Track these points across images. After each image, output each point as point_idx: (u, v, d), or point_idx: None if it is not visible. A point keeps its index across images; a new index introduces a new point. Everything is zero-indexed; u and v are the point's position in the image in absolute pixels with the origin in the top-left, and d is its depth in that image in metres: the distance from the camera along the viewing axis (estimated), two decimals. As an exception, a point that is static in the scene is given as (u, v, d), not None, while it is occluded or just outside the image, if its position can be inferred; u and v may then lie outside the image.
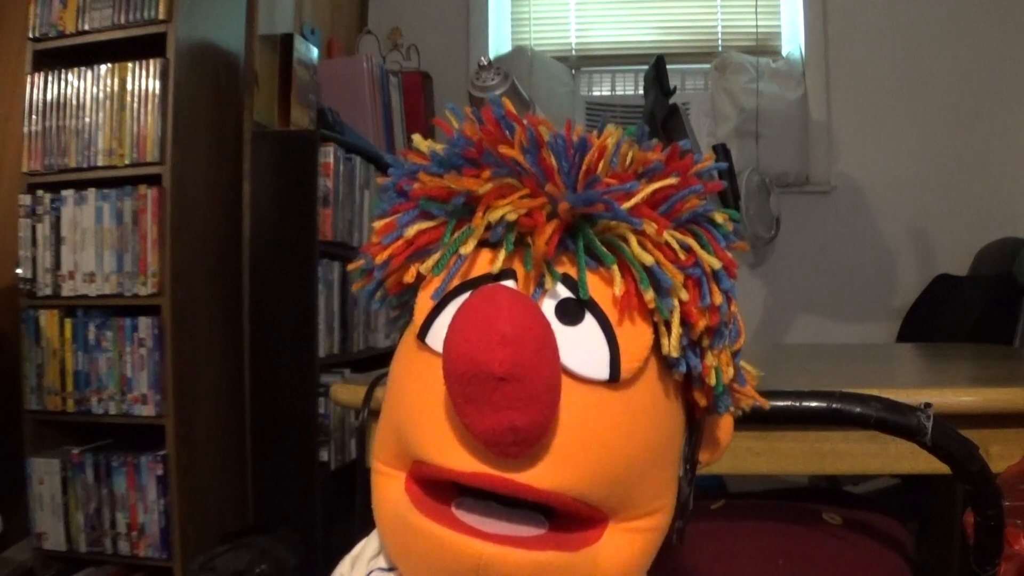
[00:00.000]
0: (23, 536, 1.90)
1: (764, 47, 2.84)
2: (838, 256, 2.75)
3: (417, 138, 0.44)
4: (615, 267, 0.39)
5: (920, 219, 2.71)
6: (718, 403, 0.43)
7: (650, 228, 0.39)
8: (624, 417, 0.39)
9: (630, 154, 0.42)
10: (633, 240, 0.39)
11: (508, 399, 0.34)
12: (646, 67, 1.74)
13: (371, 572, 0.45)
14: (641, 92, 2.44)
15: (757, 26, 2.82)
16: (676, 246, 0.39)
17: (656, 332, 0.40)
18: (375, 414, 0.87)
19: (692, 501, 0.46)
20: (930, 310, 2.45)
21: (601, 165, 0.41)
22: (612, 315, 0.39)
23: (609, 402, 0.39)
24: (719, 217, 0.42)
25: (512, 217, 0.39)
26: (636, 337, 0.39)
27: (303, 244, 1.95)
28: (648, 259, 0.38)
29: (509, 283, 0.39)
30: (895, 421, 0.56)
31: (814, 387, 0.61)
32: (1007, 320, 2.08)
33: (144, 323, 1.76)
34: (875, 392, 0.58)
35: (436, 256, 0.41)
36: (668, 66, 1.70)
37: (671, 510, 0.44)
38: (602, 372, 0.38)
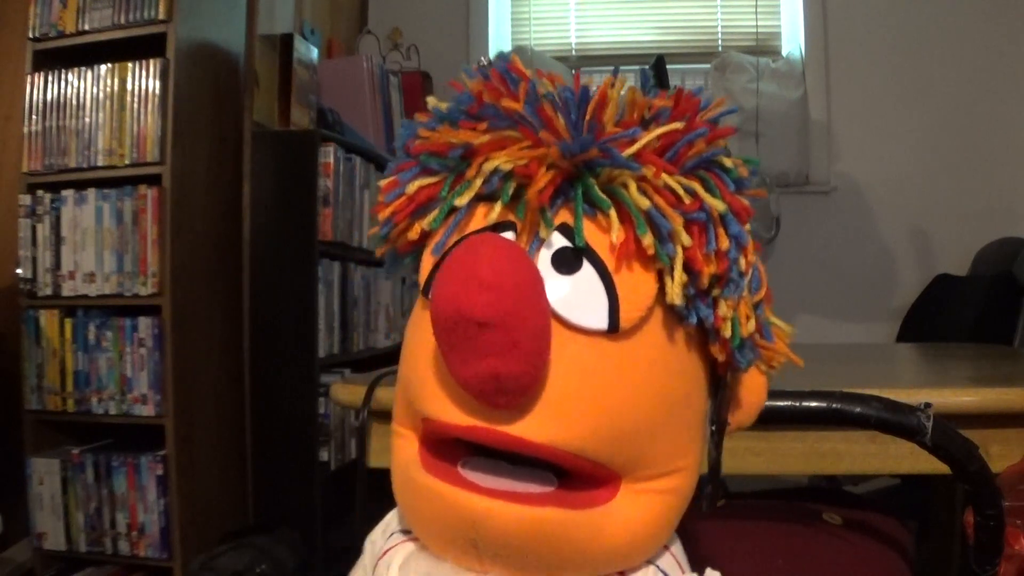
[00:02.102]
0: (23, 536, 1.90)
1: (764, 47, 2.84)
2: (838, 256, 2.75)
3: (431, 99, 0.43)
4: (612, 213, 0.37)
5: (920, 219, 2.70)
6: (738, 358, 0.41)
7: (650, 173, 0.37)
8: (626, 369, 0.38)
9: (636, 101, 0.41)
10: (633, 186, 0.37)
11: (490, 346, 0.34)
12: (646, 67, 1.74)
13: (391, 535, 0.46)
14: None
15: (757, 26, 2.82)
16: (681, 191, 0.38)
17: (662, 282, 0.38)
18: (375, 414, 0.87)
19: (722, 465, 0.45)
20: (930, 310, 2.45)
21: (606, 114, 0.39)
22: (610, 263, 0.37)
23: (609, 353, 0.37)
24: (728, 161, 0.40)
25: (507, 167, 0.38)
26: (638, 286, 0.38)
27: (303, 244, 1.95)
28: (645, 203, 0.37)
29: (508, 235, 0.39)
30: (895, 421, 0.56)
31: (814, 387, 0.60)
32: (1007, 320, 2.08)
33: (144, 323, 1.76)
34: (875, 392, 0.58)
35: (435, 211, 0.40)
36: (668, 66, 1.70)
37: (694, 472, 0.42)
38: (600, 322, 0.37)
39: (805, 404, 0.58)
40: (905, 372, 1.27)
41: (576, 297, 0.37)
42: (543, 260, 0.38)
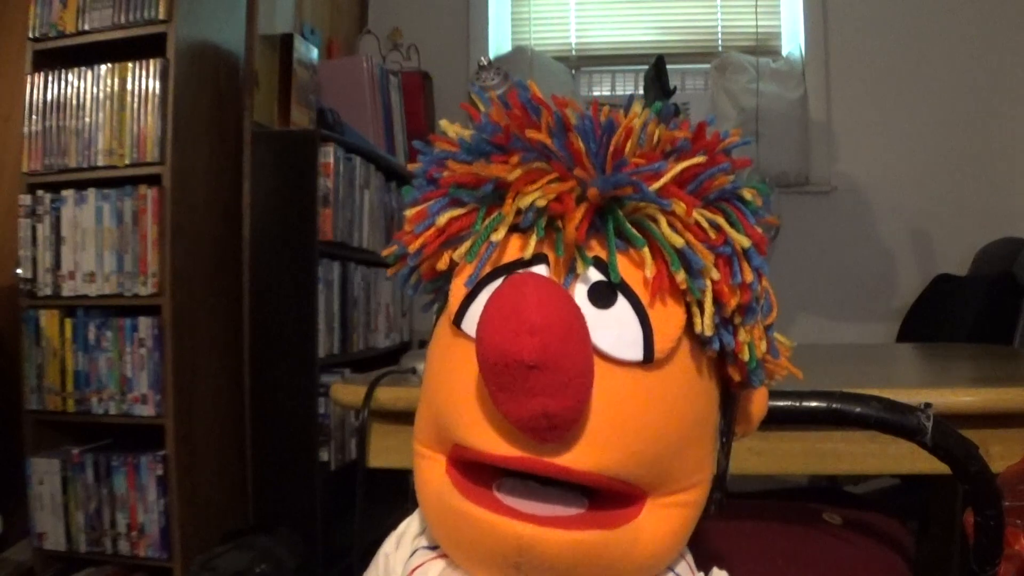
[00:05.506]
0: (23, 536, 1.90)
1: (764, 47, 2.83)
2: (838, 256, 2.75)
3: (445, 123, 0.44)
4: (646, 249, 0.39)
5: (920, 219, 2.70)
6: (752, 377, 0.43)
7: (679, 208, 0.39)
8: (659, 397, 0.40)
9: (656, 133, 0.42)
10: (663, 221, 0.39)
11: (540, 386, 0.35)
12: (646, 67, 1.74)
13: (416, 551, 0.46)
14: (641, 92, 2.44)
15: (757, 26, 2.81)
16: (706, 225, 0.39)
17: (688, 312, 0.40)
18: (375, 414, 0.87)
19: (728, 472, 0.48)
20: (930, 310, 2.45)
21: (628, 145, 0.41)
22: (644, 297, 0.39)
23: (644, 383, 0.39)
24: (748, 194, 0.42)
25: (542, 203, 0.39)
26: (669, 318, 0.39)
27: (303, 244, 1.95)
28: (679, 241, 0.38)
29: (541, 268, 0.40)
30: (895, 421, 0.56)
31: (814, 387, 0.60)
32: (1007, 320, 2.08)
33: (144, 323, 1.76)
34: (875, 392, 0.58)
35: (468, 243, 0.41)
36: (668, 66, 1.70)
37: (708, 483, 0.44)
38: (636, 353, 0.39)
39: (805, 404, 0.58)
40: (905, 372, 1.26)
41: (613, 331, 0.39)
42: (579, 293, 0.39)
